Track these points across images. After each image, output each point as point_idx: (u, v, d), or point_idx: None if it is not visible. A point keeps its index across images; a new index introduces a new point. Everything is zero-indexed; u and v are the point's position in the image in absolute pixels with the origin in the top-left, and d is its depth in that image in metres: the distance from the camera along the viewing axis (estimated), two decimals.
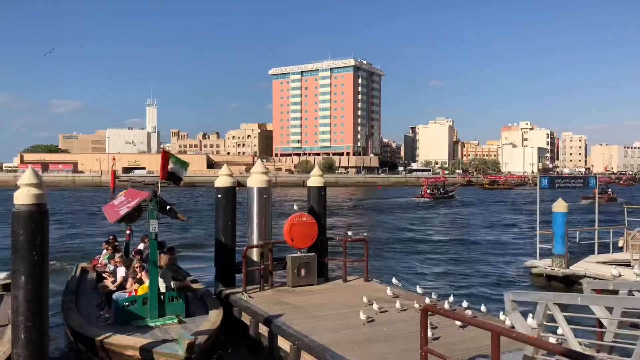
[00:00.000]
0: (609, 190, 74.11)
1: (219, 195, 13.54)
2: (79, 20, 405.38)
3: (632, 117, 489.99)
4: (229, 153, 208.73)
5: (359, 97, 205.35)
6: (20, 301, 7.13)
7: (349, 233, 15.83)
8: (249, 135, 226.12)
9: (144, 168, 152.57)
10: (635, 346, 5.61)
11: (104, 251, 13.47)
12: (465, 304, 10.54)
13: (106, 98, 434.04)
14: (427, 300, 10.98)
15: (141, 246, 12.68)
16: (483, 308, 10.51)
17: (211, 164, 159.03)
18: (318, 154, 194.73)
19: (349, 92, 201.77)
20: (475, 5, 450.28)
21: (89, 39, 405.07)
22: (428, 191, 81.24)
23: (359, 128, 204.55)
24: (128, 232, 14.27)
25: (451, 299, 10.90)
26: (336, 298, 11.83)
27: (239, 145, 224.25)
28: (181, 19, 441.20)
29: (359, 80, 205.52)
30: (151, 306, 9.49)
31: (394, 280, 13.29)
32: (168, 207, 9.91)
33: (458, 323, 9.27)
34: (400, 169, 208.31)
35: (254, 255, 13.32)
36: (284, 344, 9.27)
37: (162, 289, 9.70)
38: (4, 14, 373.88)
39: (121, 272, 10.87)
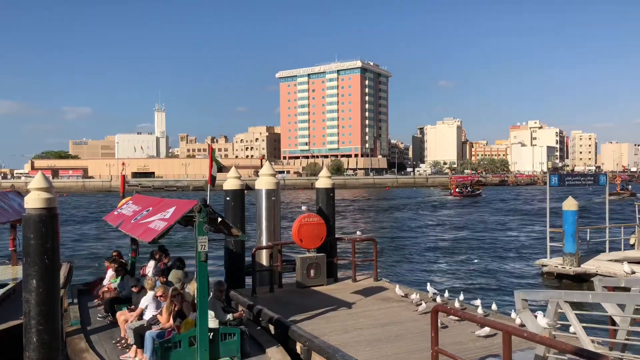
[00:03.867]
0: (629, 186, 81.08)
1: (228, 198, 13.59)
2: (89, 28, 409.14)
3: None
4: (237, 156, 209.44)
5: (367, 98, 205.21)
6: (32, 304, 7.19)
7: (358, 233, 15.84)
8: (257, 139, 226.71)
9: (152, 173, 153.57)
10: None
11: (110, 272, 11.31)
12: (478, 302, 10.51)
13: (116, 104, 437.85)
14: (439, 300, 10.94)
15: (151, 265, 11.27)
16: (494, 306, 10.45)
17: (219, 168, 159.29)
18: (326, 156, 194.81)
19: (356, 93, 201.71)
20: (483, 5, 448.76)
21: (98, 45, 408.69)
22: (457, 190, 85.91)
23: (367, 129, 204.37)
24: (134, 247, 11.90)
25: (461, 297, 10.86)
26: (346, 298, 11.81)
27: (247, 148, 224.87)
28: (188, 23, 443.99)
29: (366, 82, 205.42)
30: (201, 347, 7.55)
31: (397, 289, 13.24)
32: (220, 220, 8.05)
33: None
34: (409, 169, 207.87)
35: (263, 256, 13.35)
36: (294, 345, 9.26)
37: (212, 324, 7.89)
38: (14, 22, 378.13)
39: (148, 299, 8.77)
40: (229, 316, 8.30)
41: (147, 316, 8.63)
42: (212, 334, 7.73)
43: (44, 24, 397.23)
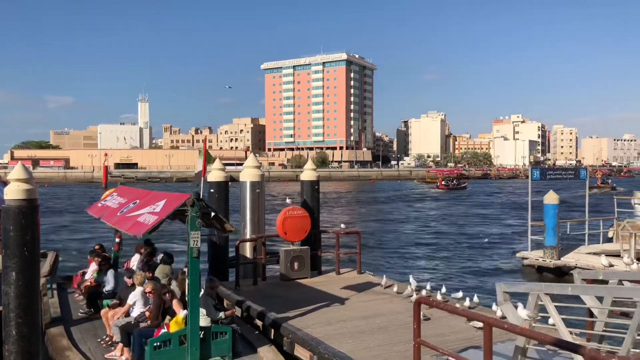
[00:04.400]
0: (609, 180, 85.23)
1: (212, 190, 13.51)
2: (71, 16, 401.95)
3: (622, 110, 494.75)
4: (221, 148, 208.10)
5: (352, 91, 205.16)
6: (11, 297, 7.08)
7: (342, 225, 15.88)
8: (241, 130, 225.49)
9: (135, 164, 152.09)
10: (625, 335, 5.66)
11: (93, 265, 10.93)
12: (460, 294, 10.63)
13: (99, 93, 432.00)
14: (424, 293, 11.04)
15: (135, 259, 11.00)
16: (475, 299, 10.58)
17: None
18: (311, 149, 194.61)
19: (341, 86, 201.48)
20: (468, 0, 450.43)
21: (81, 34, 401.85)
22: (443, 182, 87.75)
23: (352, 122, 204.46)
24: (117, 240, 11.44)
25: (443, 289, 10.98)
26: (330, 291, 11.84)
27: (231, 140, 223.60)
28: (173, 13, 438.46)
29: (352, 74, 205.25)
30: (191, 346, 7.25)
31: (384, 280, 13.31)
32: (213, 215, 7.69)
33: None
34: (393, 162, 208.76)
35: (247, 249, 13.33)
36: (277, 337, 9.27)
37: (204, 322, 7.53)
38: None
39: (137, 295, 8.47)
40: (221, 314, 8.06)
41: (135, 313, 8.35)
42: (203, 332, 7.45)
43: (26, 13, 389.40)
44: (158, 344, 7.19)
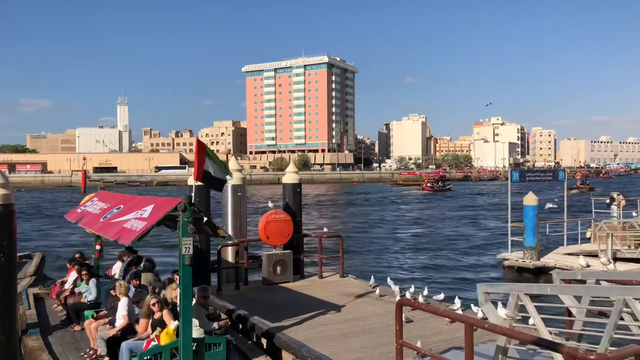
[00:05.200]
0: (588, 181, 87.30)
1: (193, 194, 13.38)
2: (48, 18, 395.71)
3: (600, 113, 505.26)
4: None
5: (333, 93, 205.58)
6: None
7: (325, 229, 15.88)
8: (222, 133, 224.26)
9: (115, 168, 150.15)
10: (603, 334, 5.76)
11: (73, 275, 10.64)
12: (442, 296, 10.70)
13: (77, 96, 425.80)
14: (407, 295, 11.09)
15: (117, 266, 10.69)
16: (457, 300, 10.65)
17: (184, 163, 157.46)
18: (293, 151, 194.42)
19: (323, 88, 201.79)
20: (447, 3, 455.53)
21: (58, 36, 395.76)
22: (429, 184, 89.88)
23: (334, 125, 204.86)
24: (98, 247, 11.10)
25: (425, 291, 11.04)
26: (312, 294, 11.84)
27: (212, 143, 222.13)
28: (153, 15, 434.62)
29: (333, 77, 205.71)
30: (184, 359, 6.88)
31: (372, 280, 13.34)
32: (205, 220, 7.45)
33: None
34: (375, 165, 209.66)
35: (229, 253, 13.24)
36: (260, 341, 9.24)
37: (196, 333, 7.14)
38: None
39: (124, 306, 8.12)
40: (215, 325, 7.77)
41: (119, 323, 8.04)
42: (195, 344, 7.08)
43: (1, 14, 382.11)
44: (148, 357, 6.84)
